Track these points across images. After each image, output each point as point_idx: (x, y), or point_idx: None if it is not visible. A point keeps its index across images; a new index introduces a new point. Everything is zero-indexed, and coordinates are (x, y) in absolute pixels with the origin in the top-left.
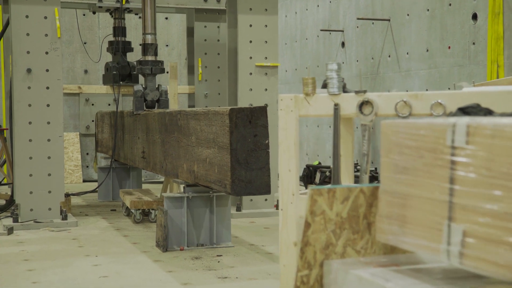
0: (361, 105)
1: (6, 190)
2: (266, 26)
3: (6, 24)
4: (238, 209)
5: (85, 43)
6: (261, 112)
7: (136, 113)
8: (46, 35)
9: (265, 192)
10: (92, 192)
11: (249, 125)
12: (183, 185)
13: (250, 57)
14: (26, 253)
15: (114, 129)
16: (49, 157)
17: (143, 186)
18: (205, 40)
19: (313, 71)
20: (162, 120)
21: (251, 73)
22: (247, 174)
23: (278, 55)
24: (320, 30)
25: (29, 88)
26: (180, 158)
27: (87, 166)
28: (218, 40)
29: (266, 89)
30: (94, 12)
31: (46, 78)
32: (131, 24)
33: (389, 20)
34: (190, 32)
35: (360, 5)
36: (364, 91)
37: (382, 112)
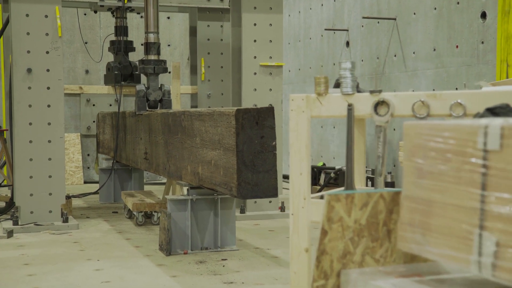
0: (376, 105)
1: (6, 192)
2: (270, 25)
3: (6, 23)
4: (242, 211)
5: (86, 42)
6: (268, 112)
7: (138, 114)
8: (46, 34)
9: (272, 195)
10: (93, 194)
11: (255, 126)
12: (187, 187)
13: (255, 57)
14: (26, 257)
15: (116, 129)
16: (49, 159)
17: (145, 188)
18: (208, 39)
19: (317, 71)
20: (165, 121)
21: (255, 73)
22: (254, 177)
23: (282, 55)
24: (325, 30)
25: (29, 88)
26: (184, 160)
27: (88, 168)
28: (221, 39)
29: (270, 89)
30: (95, 11)
31: (46, 78)
32: (132, 23)
33: (395, 19)
34: (192, 31)
35: (365, 4)
36: (379, 91)
37: (398, 112)
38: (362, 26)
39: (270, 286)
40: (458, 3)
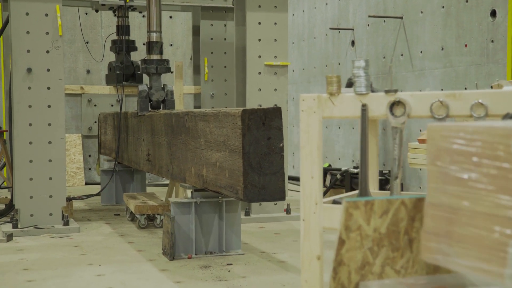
0: (392, 105)
1: (5, 194)
2: (275, 23)
3: (6, 22)
4: (247, 213)
5: (87, 42)
6: (275, 113)
7: (140, 114)
8: (47, 33)
9: (279, 198)
10: (95, 195)
11: (262, 127)
12: (191, 189)
13: (259, 56)
14: (25, 261)
15: (118, 130)
16: (50, 160)
17: (147, 189)
18: (211, 39)
19: (322, 70)
20: (168, 122)
21: (260, 73)
22: (261, 179)
23: (287, 54)
24: (329, 29)
25: (29, 88)
26: (187, 162)
27: (90, 169)
28: (225, 38)
29: (275, 89)
30: (97, 10)
31: (47, 78)
32: (134, 23)
33: (401, 17)
34: (195, 30)
35: (371, 3)
36: (395, 90)
37: (415, 113)
38: (368, 25)
39: None
40: (467, 1)
